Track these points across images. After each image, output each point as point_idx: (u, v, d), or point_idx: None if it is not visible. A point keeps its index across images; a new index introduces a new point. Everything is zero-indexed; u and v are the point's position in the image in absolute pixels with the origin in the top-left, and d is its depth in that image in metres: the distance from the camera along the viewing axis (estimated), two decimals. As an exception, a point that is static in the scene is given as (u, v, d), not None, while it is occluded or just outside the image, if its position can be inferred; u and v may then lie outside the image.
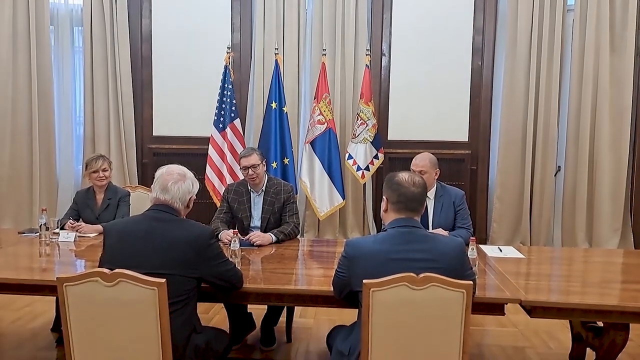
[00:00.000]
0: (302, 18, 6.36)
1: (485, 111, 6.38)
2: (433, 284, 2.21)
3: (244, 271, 2.88)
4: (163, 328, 2.26)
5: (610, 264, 3.63)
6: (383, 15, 6.36)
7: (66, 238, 3.81)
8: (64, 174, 6.75)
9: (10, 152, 6.53)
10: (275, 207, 4.06)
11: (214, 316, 4.42)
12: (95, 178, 4.26)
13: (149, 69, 6.60)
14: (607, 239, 6.10)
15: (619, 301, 2.72)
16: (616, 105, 6.03)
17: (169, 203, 2.59)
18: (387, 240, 2.43)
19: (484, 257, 3.51)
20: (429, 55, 6.34)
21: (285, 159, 5.86)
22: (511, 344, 4.05)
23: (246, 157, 4.04)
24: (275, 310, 3.98)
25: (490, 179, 6.46)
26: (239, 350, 3.84)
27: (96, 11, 6.39)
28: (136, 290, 2.23)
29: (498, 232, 6.28)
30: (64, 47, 6.66)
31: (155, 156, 6.51)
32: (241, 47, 6.48)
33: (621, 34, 5.99)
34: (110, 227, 2.63)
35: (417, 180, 2.51)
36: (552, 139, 6.15)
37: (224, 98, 5.89)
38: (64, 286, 2.28)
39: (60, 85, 6.69)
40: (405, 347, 2.29)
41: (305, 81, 6.52)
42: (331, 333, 2.90)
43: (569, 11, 6.13)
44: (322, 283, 2.89)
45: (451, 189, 4.03)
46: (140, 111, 6.62)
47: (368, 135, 5.88)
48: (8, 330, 4.22)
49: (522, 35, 6.08)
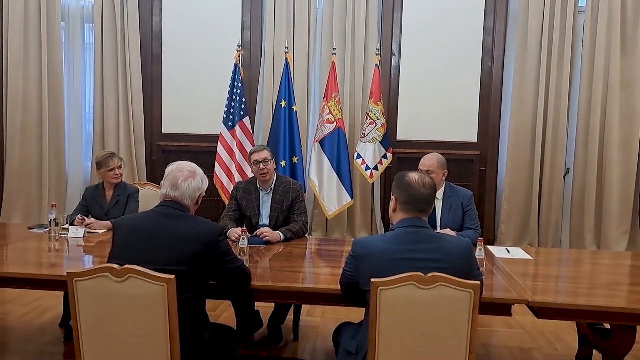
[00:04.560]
0: (312, 17, 6.37)
1: (495, 112, 6.37)
2: (441, 284, 2.21)
3: (252, 269, 2.89)
4: (172, 324, 2.28)
5: (618, 266, 3.62)
6: (393, 15, 6.36)
7: (75, 234, 3.84)
8: (74, 171, 6.80)
9: (20, 148, 6.59)
10: (284, 206, 4.06)
11: (222, 314, 4.43)
12: (112, 176, 4.28)
13: (159, 66, 6.63)
14: (616, 241, 6.08)
15: (626, 304, 2.72)
16: (626, 107, 6.01)
17: (178, 200, 2.60)
18: (394, 239, 2.43)
19: (491, 258, 3.52)
20: (439, 56, 6.33)
21: (294, 157, 5.86)
22: (518, 345, 4.05)
23: (258, 152, 4.06)
24: (282, 308, 4.00)
25: (499, 180, 6.45)
26: (246, 348, 3.86)
27: (107, 8, 6.42)
28: (146, 286, 2.25)
29: (506, 233, 6.27)
30: (75, 43, 6.71)
31: (165, 153, 6.53)
32: (251, 46, 6.49)
33: (632, 35, 5.97)
34: (120, 223, 2.64)
35: (427, 181, 2.51)
36: (562, 141, 6.13)
37: (233, 96, 5.90)
38: (74, 281, 2.30)
39: (70, 82, 6.74)
40: (412, 346, 2.29)
41: (315, 80, 6.52)
42: (338, 330, 2.91)
43: (580, 12, 6.09)
44: (330, 282, 2.90)
45: (460, 190, 4.03)
46: (149, 108, 6.65)
47: (377, 135, 5.88)
48: (17, 325, 4.26)
49: (532, 36, 6.07)
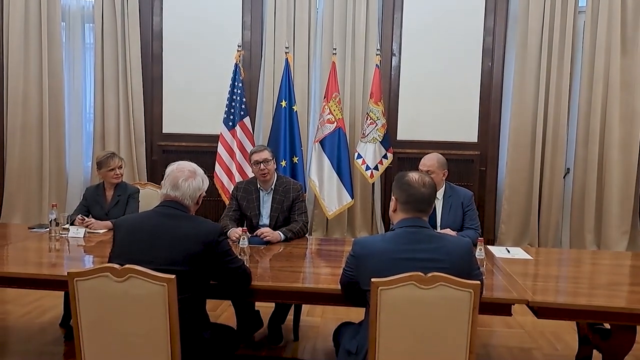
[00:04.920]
0: (312, 17, 6.38)
1: (495, 112, 6.37)
2: (441, 284, 2.22)
3: (252, 269, 2.89)
4: (172, 323, 2.28)
5: (618, 266, 3.62)
6: (394, 15, 6.36)
7: (76, 234, 3.85)
8: (74, 170, 6.80)
9: (20, 148, 6.59)
10: (284, 206, 4.07)
11: (222, 313, 4.43)
12: (112, 176, 4.29)
13: (160, 66, 6.63)
14: (616, 241, 6.08)
15: (626, 303, 2.72)
16: (626, 107, 6.01)
17: (179, 200, 2.60)
18: (394, 239, 2.43)
19: (491, 257, 3.52)
20: (439, 56, 6.33)
21: (294, 157, 5.86)
22: (518, 345, 4.05)
23: (258, 152, 4.06)
24: (282, 308, 4.01)
25: (499, 180, 6.45)
26: (246, 348, 3.86)
27: (107, 8, 6.42)
28: (146, 285, 2.25)
29: (506, 233, 6.27)
30: (75, 43, 6.71)
31: (165, 153, 6.54)
32: (252, 46, 6.49)
33: (632, 35, 5.97)
34: (121, 223, 2.64)
35: (427, 180, 2.51)
36: (562, 141, 6.13)
37: (234, 96, 5.90)
38: (74, 281, 2.31)
39: (70, 82, 6.74)
40: (412, 346, 2.30)
41: (315, 80, 6.52)
42: (338, 330, 2.91)
43: (580, 12, 6.09)
44: (330, 281, 2.90)
45: (460, 190, 4.03)
46: (150, 108, 6.65)
47: (377, 135, 5.88)
48: (17, 325, 4.26)
49: (532, 37, 6.07)
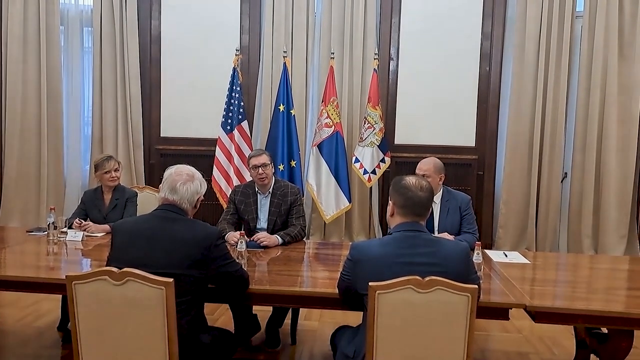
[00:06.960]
0: (310, 21, 6.39)
1: (493, 116, 6.39)
2: (438, 287, 2.22)
3: (250, 272, 2.89)
4: (170, 327, 2.28)
5: (616, 270, 3.62)
6: (392, 19, 6.38)
7: (74, 237, 3.83)
8: (72, 174, 6.80)
9: (18, 151, 6.59)
10: (282, 210, 4.06)
11: (220, 317, 4.43)
12: (108, 179, 4.29)
13: (158, 70, 6.64)
14: (613, 245, 6.08)
15: (624, 308, 2.72)
16: (624, 112, 6.02)
17: (177, 203, 2.61)
18: (392, 243, 2.43)
19: (489, 262, 3.52)
20: (436, 60, 6.36)
21: (292, 161, 5.86)
22: (515, 350, 4.05)
23: (256, 156, 4.06)
24: (280, 312, 3.99)
25: (497, 184, 6.46)
26: (243, 351, 3.85)
27: (106, 12, 6.43)
28: (144, 289, 2.25)
29: (504, 238, 6.28)
30: (74, 47, 6.71)
31: (163, 157, 6.55)
32: (250, 50, 6.50)
33: (630, 40, 5.99)
34: (119, 226, 2.64)
35: (424, 184, 2.51)
36: (559, 145, 6.15)
37: (232, 100, 5.90)
38: (72, 284, 2.31)
39: (69, 86, 6.74)
40: (410, 350, 2.30)
41: (313, 84, 6.54)
42: (335, 333, 2.90)
43: (577, 17, 6.12)
44: (327, 285, 2.90)
45: (457, 194, 4.03)
46: (148, 112, 6.66)
47: (375, 139, 5.89)
48: (14, 328, 4.25)
49: (530, 41, 6.08)
